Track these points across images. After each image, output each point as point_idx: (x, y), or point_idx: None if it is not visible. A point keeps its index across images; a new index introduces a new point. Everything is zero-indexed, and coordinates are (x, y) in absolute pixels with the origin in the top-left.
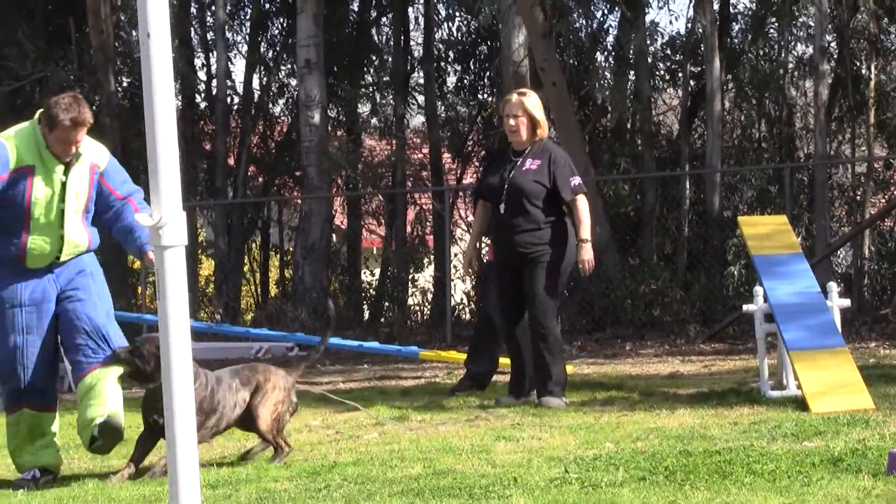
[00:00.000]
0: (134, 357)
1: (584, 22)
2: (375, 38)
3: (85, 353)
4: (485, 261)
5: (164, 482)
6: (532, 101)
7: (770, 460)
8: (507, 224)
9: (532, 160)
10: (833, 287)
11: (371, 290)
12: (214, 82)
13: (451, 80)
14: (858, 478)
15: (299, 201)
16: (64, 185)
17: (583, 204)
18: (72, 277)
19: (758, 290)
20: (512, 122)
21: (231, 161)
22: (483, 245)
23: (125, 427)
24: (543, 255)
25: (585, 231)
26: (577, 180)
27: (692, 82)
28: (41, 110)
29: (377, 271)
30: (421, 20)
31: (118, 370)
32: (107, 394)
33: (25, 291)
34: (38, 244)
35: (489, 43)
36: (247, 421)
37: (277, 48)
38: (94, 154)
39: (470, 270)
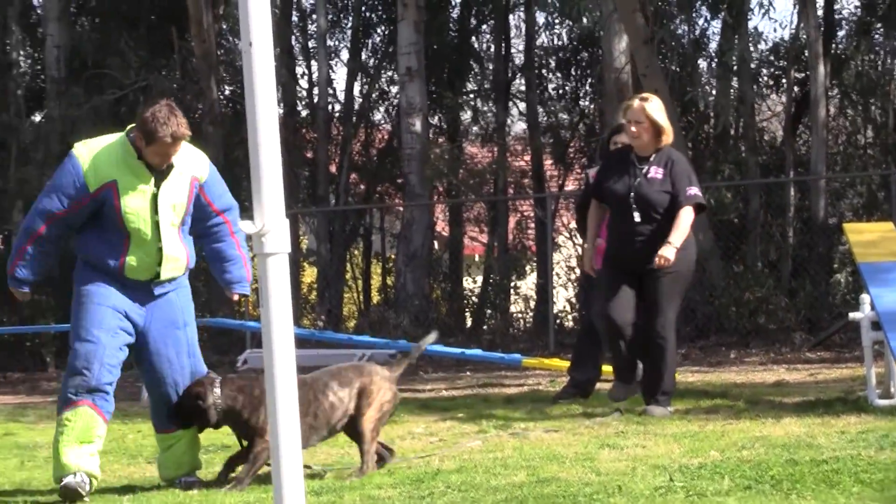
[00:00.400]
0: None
1: (686, 28)
2: (476, 45)
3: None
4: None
5: (268, 489)
6: (654, 107)
7: (878, 470)
8: (633, 233)
9: (656, 168)
10: None
11: (473, 298)
12: (316, 90)
13: (553, 87)
14: None
15: (401, 208)
16: (155, 196)
17: (688, 214)
18: (163, 327)
19: (864, 297)
20: (634, 128)
21: (333, 168)
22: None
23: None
24: (670, 265)
25: (677, 237)
26: (693, 190)
27: (796, 88)
28: (133, 125)
29: (479, 278)
30: (522, 27)
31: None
32: (193, 452)
33: (121, 295)
34: (139, 257)
35: (590, 49)
36: (350, 425)
37: (378, 56)
38: (194, 165)
39: (592, 272)
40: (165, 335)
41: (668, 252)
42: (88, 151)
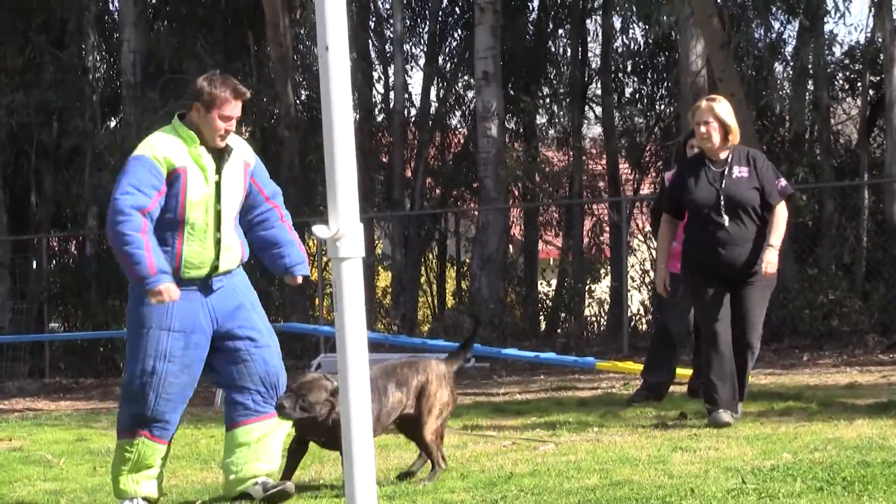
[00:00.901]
0: (305, 412)
1: (762, 32)
2: (553, 48)
3: (254, 398)
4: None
5: (340, 495)
6: (722, 107)
7: None
8: (723, 238)
9: (739, 167)
10: None
11: (548, 301)
12: (392, 95)
13: (629, 91)
14: None
15: (476, 213)
16: (218, 184)
17: (783, 212)
18: (230, 311)
19: None
20: (703, 129)
21: (408, 173)
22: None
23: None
24: (759, 273)
25: (777, 238)
26: (783, 182)
27: (871, 91)
28: (181, 112)
29: (553, 282)
30: (598, 31)
31: (287, 425)
32: (274, 451)
33: (176, 315)
34: (196, 250)
35: (667, 53)
36: (410, 426)
37: (455, 60)
38: (244, 151)
39: (664, 288)
40: (236, 318)
41: (771, 256)
42: (150, 147)
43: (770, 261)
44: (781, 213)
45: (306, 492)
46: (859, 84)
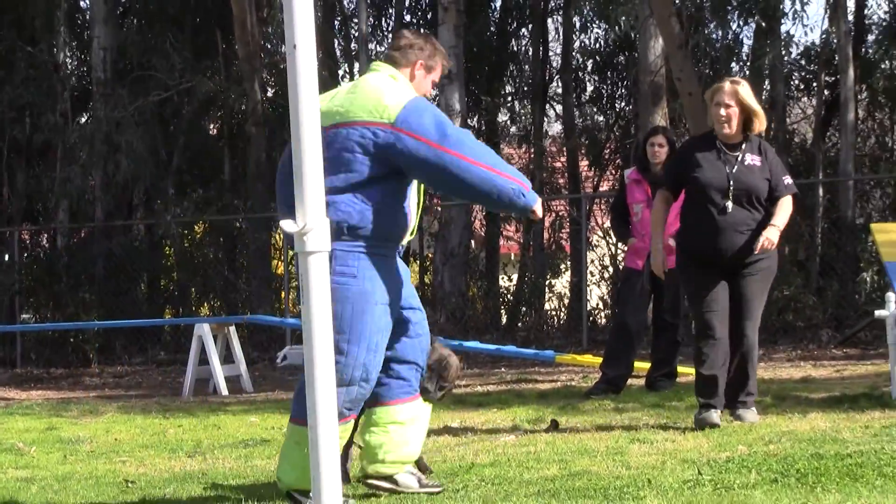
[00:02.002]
0: (442, 392)
1: (719, 33)
2: (515, 48)
3: (415, 376)
4: (620, 268)
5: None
6: (746, 91)
7: None
8: (729, 223)
9: (752, 156)
10: None
11: (509, 295)
12: None
13: (589, 90)
14: None
15: (439, 208)
16: None
17: (789, 200)
18: (408, 281)
19: (890, 295)
20: (723, 111)
21: None
22: (620, 251)
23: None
24: (763, 259)
25: (781, 220)
26: (789, 179)
27: (826, 91)
28: (380, 72)
29: (515, 277)
30: (559, 30)
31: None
32: (423, 436)
33: (393, 288)
34: (414, 212)
35: (626, 53)
36: None
37: None
38: None
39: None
40: (410, 289)
41: (772, 234)
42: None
43: (770, 237)
44: (787, 202)
45: (270, 481)
46: (815, 84)
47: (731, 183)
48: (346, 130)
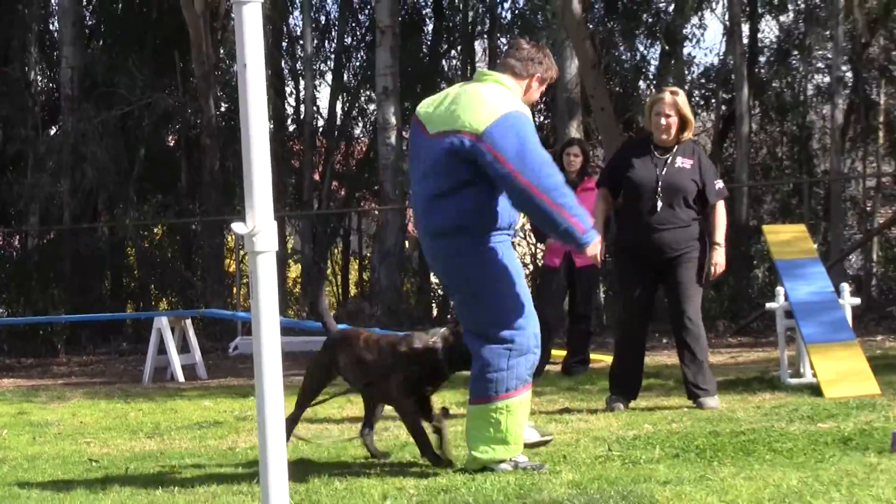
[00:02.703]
0: None
1: (628, 55)
2: (445, 67)
3: None
4: (540, 265)
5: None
6: (683, 101)
7: (788, 440)
8: (658, 221)
9: (683, 158)
10: (845, 287)
11: (439, 291)
12: (302, 107)
13: None
14: (865, 455)
15: (377, 212)
16: None
17: (722, 209)
18: None
19: (779, 290)
20: (663, 120)
21: (316, 177)
22: (539, 250)
23: None
24: (692, 251)
25: (720, 235)
26: (720, 184)
27: (724, 107)
28: (488, 74)
29: None
30: (486, 51)
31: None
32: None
33: (519, 268)
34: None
35: None
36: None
37: (358, 77)
38: None
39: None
40: None
41: (719, 257)
42: (520, 104)
43: (718, 262)
44: (721, 213)
45: (225, 459)
46: (713, 100)
47: (660, 183)
48: (446, 138)
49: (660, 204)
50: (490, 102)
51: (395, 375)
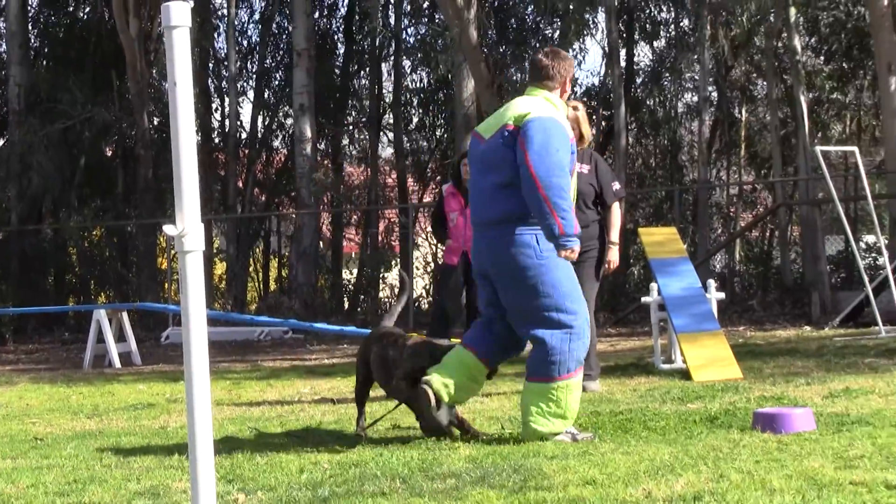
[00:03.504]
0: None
1: (519, 75)
2: (355, 86)
3: None
4: (440, 262)
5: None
6: (583, 115)
7: (661, 419)
8: None
9: (581, 165)
10: (711, 283)
11: (350, 286)
12: (227, 122)
13: (415, 120)
14: (729, 432)
15: (294, 216)
16: None
17: (618, 209)
18: None
19: (653, 285)
20: (569, 132)
21: (240, 184)
22: (439, 251)
23: None
24: (592, 250)
25: (615, 234)
26: (617, 185)
27: (604, 123)
28: (534, 87)
29: (355, 271)
30: (392, 72)
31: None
32: None
33: None
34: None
35: (445, 91)
36: None
37: (277, 94)
38: None
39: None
40: None
41: (614, 255)
42: (561, 116)
43: (613, 259)
44: (617, 213)
45: (158, 437)
46: (594, 117)
47: None
48: (498, 134)
49: None
50: (534, 106)
51: (401, 370)
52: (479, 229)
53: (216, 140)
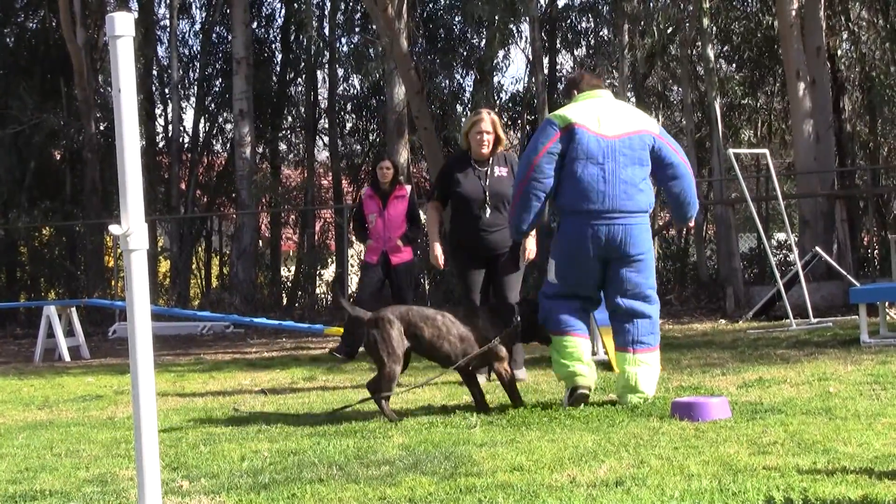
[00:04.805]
0: None
1: (447, 82)
2: (292, 92)
3: None
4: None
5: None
6: (497, 121)
7: (585, 408)
8: (487, 225)
9: (499, 168)
10: None
11: (288, 283)
12: (170, 126)
13: (349, 125)
14: (649, 420)
15: (234, 216)
16: None
17: None
18: None
19: None
20: (486, 137)
21: (182, 185)
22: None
23: None
24: (513, 246)
25: (533, 228)
26: None
27: (528, 127)
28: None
29: (293, 268)
30: (327, 79)
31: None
32: None
33: None
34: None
35: (377, 97)
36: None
37: (218, 100)
38: None
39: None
40: None
41: (531, 244)
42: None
43: (530, 248)
44: None
45: (106, 427)
46: (519, 121)
47: (487, 193)
48: (637, 136)
49: (488, 210)
50: (637, 111)
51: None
52: (612, 216)
53: (160, 144)
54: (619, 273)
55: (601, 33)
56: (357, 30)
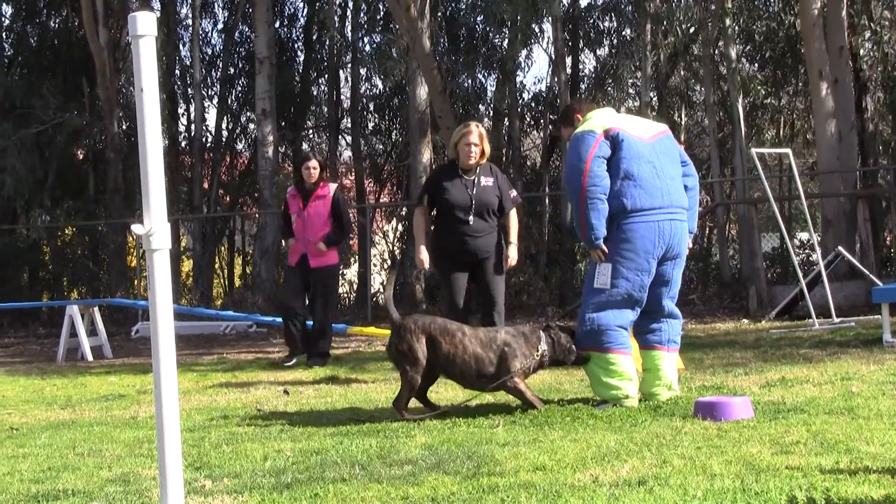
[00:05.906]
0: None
1: (470, 82)
2: (315, 92)
3: None
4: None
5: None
6: (484, 133)
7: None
8: (472, 231)
9: (485, 178)
10: None
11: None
12: (193, 126)
13: (371, 125)
14: (672, 420)
15: (257, 215)
16: None
17: (515, 214)
18: None
19: None
20: (474, 149)
21: (205, 185)
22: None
23: None
24: (496, 252)
25: (514, 235)
26: (514, 193)
27: (550, 127)
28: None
29: None
30: (349, 79)
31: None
32: None
33: None
34: None
35: (400, 96)
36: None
37: (240, 100)
38: None
39: (426, 265)
40: None
41: (513, 252)
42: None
43: (511, 256)
44: (515, 217)
45: (128, 426)
46: (542, 121)
47: (473, 201)
48: (666, 136)
49: (472, 217)
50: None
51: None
52: (672, 212)
53: (182, 144)
54: (670, 274)
55: (624, 33)
56: (379, 29)
